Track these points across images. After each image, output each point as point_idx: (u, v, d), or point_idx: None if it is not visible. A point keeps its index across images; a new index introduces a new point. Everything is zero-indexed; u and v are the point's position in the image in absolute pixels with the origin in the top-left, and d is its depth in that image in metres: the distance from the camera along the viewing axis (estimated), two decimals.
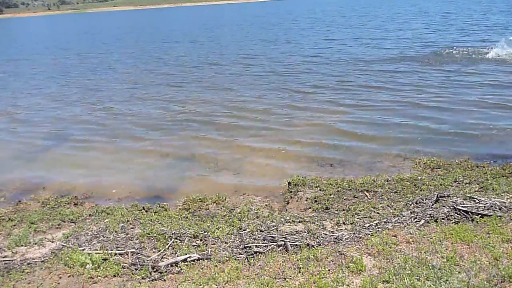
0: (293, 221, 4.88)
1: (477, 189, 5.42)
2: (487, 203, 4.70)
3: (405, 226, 4.39)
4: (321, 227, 4.60)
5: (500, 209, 4.58)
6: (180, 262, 3.98)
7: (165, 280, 3.74)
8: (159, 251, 4.27)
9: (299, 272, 3.61)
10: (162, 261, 4.06)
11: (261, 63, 18.17)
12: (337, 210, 5.15)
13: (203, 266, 3.91)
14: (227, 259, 4.01)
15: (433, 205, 4.85)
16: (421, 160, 7.03)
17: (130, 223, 5.13)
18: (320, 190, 5.94)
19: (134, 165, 7.92)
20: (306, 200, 5.69)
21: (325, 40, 25.00)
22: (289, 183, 6.38)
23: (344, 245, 4.10)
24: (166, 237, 4.51)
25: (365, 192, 5.73)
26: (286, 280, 3.52)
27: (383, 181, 6.10)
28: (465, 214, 4.55)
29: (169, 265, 3.96)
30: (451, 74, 13.32)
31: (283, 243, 4.21)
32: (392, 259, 3.69)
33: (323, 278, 3.48)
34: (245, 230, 4.66)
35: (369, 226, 4.51)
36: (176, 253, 4.21)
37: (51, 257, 4.32)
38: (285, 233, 4.49)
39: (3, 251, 4.60)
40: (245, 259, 4.00)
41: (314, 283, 3.42)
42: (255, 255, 4.05)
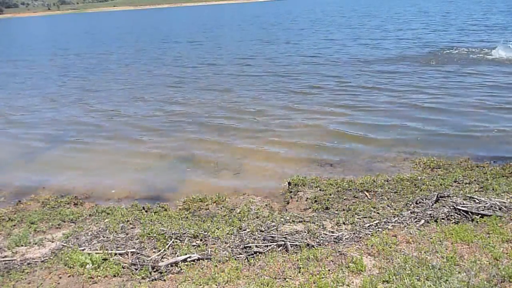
0: (293, 221, 4.88)
1: (477, 189, 5.42)
2: (487, 203, 4.70)
3: (405, 226, 4.39)
4: (321, 227, 4.60)
5: (500, 209, 4.58)
6: (180, 262, 3.98)
7: (165, 280, 3.74)
8: (159, 251, 4.27)
9: (299, 272, 3.61)
10: (162, 261, 4.06)
11: (261, 63, 18.17)
12: (337, 210, 5.15)
13: (203, 266, 3.91)
14: (227, 259, 4.01)
15: (433, 205, 4.85)
16: (421, 160, 7.03)
17: (130, 223, 5.12)
18: (320, 190, 5.94)
19: (134, 165, 7.91)
20: (306, 200, 5.69)
21: (325, 40, 25.01)
22: (289, 183, 6.38)
23: (344, 245, 4.10)
24: (166, 237, 4.51)
25: (365, 192, 5.73)
26: (286, 280, 3.52)
27: (383, 181, 6.10)
28: (465, 214, 4.55)
29: (169, 265, 3.96)
30: (450, 75, 13.32)
31: (283, 243, 4.21)
32: (392, 259, 3.69)
33: (323, 278, 3.48)
34: (245, 230, 4.66)
35: (369, 226, 4.51)
36: (176, 253, 4.21)
37: (51, 257, 4.32)
38: (285, 233, 4.48)
39: (3, 251, 4.59)
40: (245, 259, 4.00)
41: (314, 283, 3.42)
42: (255, 255, 4.05)
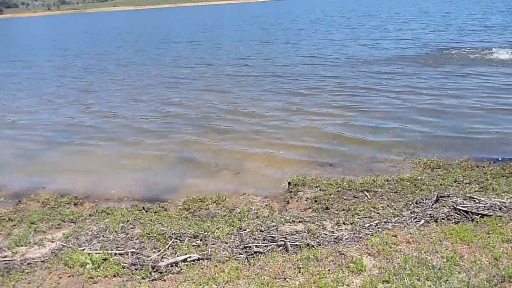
0: (293, 221, 4.88)
1: (477, 189, 5.42)
2: (487, 203, 4.70)
3: (405, 226, 4.39)
4: (321, 227, 4.60)
5: (500, 209, 4.58)
6: (180, 262, 3.98)
7: (165, 280, 3.74)
8: (159, 251, 4.27)
9: (299, 272, 3.61)
10: (162, 261, 4.06)
11: (260, 64, 18.14)
12: (337, 210, 5.15)
13: (203, 266, 3.91)
14: (227, 259, 4.01)
15: (433, 205, 4.85)
16: (421, 160, 7.03)
17: (130, 223, 5.12)
18: (320, 190, 5.94)
19: (134, 165, 7.91)
20: (306, 200, 5.70)
21: (324, 40, 25.00)
22: (289, 183, 6.38)
23: (344, 245, 4.10)
24: (166, 237, 4.51)
25: (365, 192, 5.74)
26: (286, 280, 3.52)
27: (383, 181, 6.10)
28: (465, 214, 4.56)
29: (169, 265, 3.96)
30: (450, 75, 13.31)
31: (283, 243, 4.21)
32: (392, 259, 3.69)
33: (323, 278, 3.48)
34: (245, 230, 4.66)
35: (369, 226, 4.51)
36: (176, 253, 4.21)
37: (51, 257, 4.32)
38: (285, 233, 4.48)
39: (3, 251, 4.59)
40: (245, 259, 4.00)
41: (314, 283, 3.42)
42: (255, 255, 4.05)
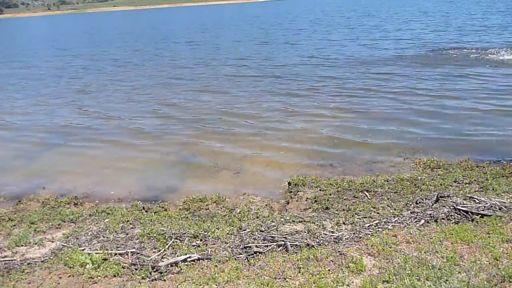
0: (293, 221, 4.88)
1: (477, 189, 5.42)
2: (487, 203, 4.70)
3: (405, 226, 4.39)
4: (321, 227, 4.60)
5: (500, 209, 4.58)
6: (180, 262, 3.98)
7: (165, 280, 3.74)
8: (159, 251, 4.27)
9: (299, 272, 3.61)
10: (162, 261, 4.06)
11: (260, 64, 18.08)
12: (337, 210, 5.15)
13: (203, 266, 3.91)
14: (227, 259, 4.01)
15: (433, 205, 4.85)
16: (421, 160, 7.03)
17: (130, 223, 5.12)
18: (320, 190, 5.94)
19: (133, 165, 7.91)
20: (306, 200, 5.70)
21: (324, 40, 24.99)
22: (289, 183, 6.38)
23: (344, 245, 4.10)
24: (166, 237, 4.51)
25: (365, 192, 5.74)
26: (286, 280, 3.52)
27: (383, 181, 6.10)
28: (465, 214, 4.56)
29: (169, 265, 3.96)
30: (449, 76, 13.30)
31: (283, 243, 4.21)
32: (392, 259, 3.69)
33: (323, 278, 3.48)
34: (245, 230, 4.66)
35: (369, 226, 4.51)
36: (176, 253, 4.21)
37: (51, 257, 4.32)
38: (285, 233, 4.49)
39: (3, 251, 4.59)
40: (245, 259, 4.00)
41: (314, 283, 3.42)
42: (255, 255, 4.06)
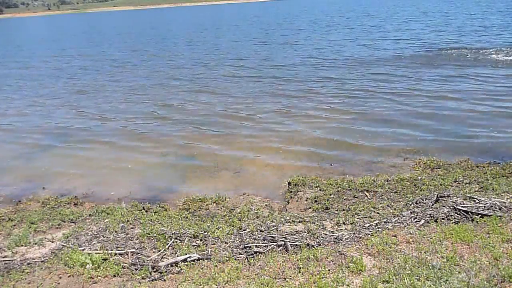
0: (293, 221, 4.88)
1: (477, 189, 5.42)
2: (487, 203, 4.70)
3: (405, 226, 4.39)
4: (321, 227, 4.60)
5: (500, 209, 4.58)
6: (180, 262, 3.98)
7: (165, 280, 3.74)
8: (159, 251, 4.27)
9: (299, 272, 3.61)
10: (162, 261, 4.06)
11: (259, 65, 18.05)
12: (337, 210, 5.15)
13: (203, 266, 3.91)
14: (227, 259, 4.01)
15: (433, 205, 4.86)
16: (421, 160, 7.03)
17: (130, 223, 5.12)
18: (320, 190, 5.95)
19: (133, 165, 7.92)
20: (306, 200, 5.70)
21: (323, 40, 24.99)
22: (289, 183, 6.38)
23: (344, 245, 4.10)
24: (166, 237, 4.51)
25: (365, 192, 5.74)
26: (286, 280, 3.52)
27: (383, 181, 6.11)
28: (465, 214, 4.56)
29: (169, 265, 3.96)
30: (449, 76, 13.31)
31: (283, 243, 4.21)
32: (392, 259, 3.69)
33: (323, 278, 3.48)
34: (245, 230, 4.66)
35: (369, 226, 4.51)
36: (176, 253, 4.21)
37: (51, 257, 4.32)
38: (285, 233, 4.49)
39: (3, 251, 4.59)
40: (245, 259, 4.00)
41: (314, 283, 3.42)
42: (255, 255, 4.05)
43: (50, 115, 12.01)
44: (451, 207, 4.70)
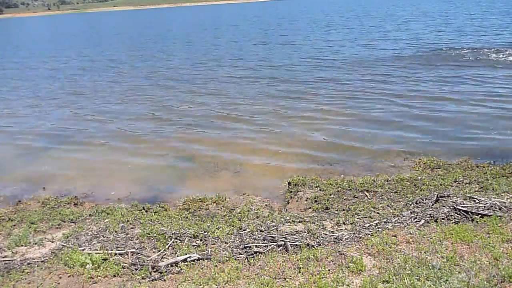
0: (293, 221, 4.88)
1: (477, 189, 5.42)
2: (487, 203, 4.70)
3: (405, 226, 4.39)
4: (321, 227, 4.60)
5: (500, 209, 4.58)
6: (180, 262, 3.98)
7: (165, 280, 3.74)
8: (159, 251, 4.27)
9: (299, 272, 3.61)
10: (162, 261, 4.06)
11: (258, 64, 18.03)
12: (337, 210, 5.15)
13: (203, 266, 3.91)
14: (227, 259, 4.01)
15: (433, 205, 4.86)
16: (421, 160, 7.03)
17: (130, 223, 5.12)
18: (320, 190, 5.95)
19: (133, 165, 7.91)
20: (306, 200, 5.70)
21: (322, 41, 24.99)
22: (289, 183, 6.38)
23: (344, 245, 4.10)
24: (166, 237, 4.51)
25: (365, 192, 5.74)
26: (286, 280, 3.52)
27: (383, 181, 6.11)
28: (465, 214, 4.56)
29: (169, 265, 3.96)
30: (449, 76, 13.31)
31: (283, 243, 4.21)
32: (392, 259, 3.69)
33: (323, 278, 3.48)
34: (245, 230, 4.66)
35: (369, 226, 4.51)
36: (176, 253, 4.21)
37: (51, 257, 4.32)
38: (285, 233, 4.49)
39: (3, 251, 4.59)
40: (245, 259, 4.00)
41: (314, 283, 3.42)
42: (255, 255, 4.06)
43: (50, 115, 11.99)
44: (451, 207, 4.70)
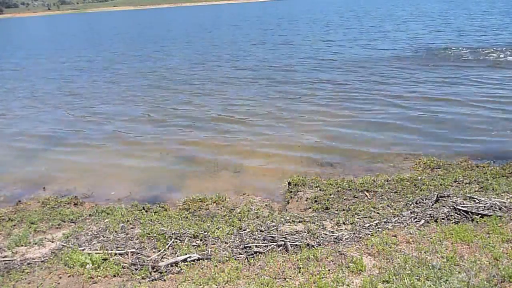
0: (293, 221, 4.88)
1: (477, 189, 5.42)
2: (487, 203, 4.70)
3: (405, 226, 4.39)
4: (321, 227, 4.60)
5: (500, 209, 4.58)
6: (180, 262, 3.98)
7: (165, 280, 3.74)
8: (159, 251, 4.27)
9: (299, 272, 3.61)
10: (162, 261, 4.06)
11: (257, 65, 17.99)
12: (337, 210, 5.15)
13: (203, 266, 3.91)
14: (227, 259, 4.01)
15: (433, 205, 4.86)
16: (421, 160, 7.03)
17: (130, 223, 5.12)
18: (320, 190, 5.95)
19: (133, 165, 7.92)
20: (306, 200, 5.70)
21: (322, 41, 24.96)
22: (289, 183, 6.38)
23: (344, 245, 4.10)
24: (166, 237, 4.51)
25: (365, 192, 5.74)
26: (286, 280, 3.51)
27: (383, 181, 6.11)
28: (465, 214, 4.56)
29: (169, 265, 3.96)
30: (448, 77, 13.30)
31: (283, 243, 4.21)
32: (392, 259, 3.69)
33: (323, 278, 3.48)
34: (245, 230, 4.66)
35: (369, 226, 4.51)
36: (176, 253, 4.21)
37: (51, 257, 4.32)
38: (285, 233, 4.49)
39: (3, 251, 4.59)
40: (245, 259, 4.00)
41: (314, 283, 3.42)
42: (255, 255, 4.06)
43: (48, 116, 11.98)
44: (451, 207, 4.70)
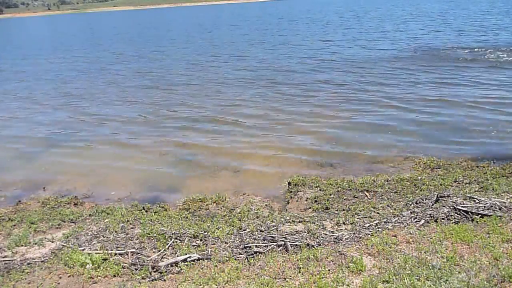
0: (293, 221, 4.88)
1: (477, 189, 5.42)
2: (487, 203, 4.70)
3: (405, 226, 4.39)
4: (321, 227, 4.60)
5: (500, 209, 4.58)
6: (180, 262, 3.98)
7: (165, 280, 3.74)
8: (159, 251, 4.27)
9: (299, 272, 3.61)
10: (162, 261, 4.06)
11: (256, 65, 17.98)
12: (337, 210, 5.15)
13: (203, 266, 3.91)
14: (227, 259, 4.01)
15: (433, 205, 4.86)
16: (421, 160, 7.03)
17: (130, 223, 5.12)
18: (320, 190, 5.95)
19: (133, 165, 7.91)
20: (306, 200, 5.70)
21: (321, 41, 24.95)
22: (289, 183, 6.38)
23: (344, 245, 4.10)
24: (166, 237, 4.51)
25: (365, 192, 5.74)
26: (286, 280, 3.51)
27: (383, 181, 6.11)
28: (465, 214, 4.56)
29: (169, 265, 3.96)
30: (448, 76, 13.30)
31: (283, 243, 4.21)
32: (392, 259, 3.69)
33: (323, 278, 3.48)
34: (245, 230, 4.66)
35: (369, 226, 4.51)
36: (176, 253, 4.21)
37: (51, 257, 4.32)
38: (285, 233, 4.49)
39: (3, 251, 4.59)
40: (245, 259, 4.00)
41: (314, 283, 3.42)
42: (255, 255, 4.06)
43: (49, 116, 11.98)
44: (451, 207, 4.71)
